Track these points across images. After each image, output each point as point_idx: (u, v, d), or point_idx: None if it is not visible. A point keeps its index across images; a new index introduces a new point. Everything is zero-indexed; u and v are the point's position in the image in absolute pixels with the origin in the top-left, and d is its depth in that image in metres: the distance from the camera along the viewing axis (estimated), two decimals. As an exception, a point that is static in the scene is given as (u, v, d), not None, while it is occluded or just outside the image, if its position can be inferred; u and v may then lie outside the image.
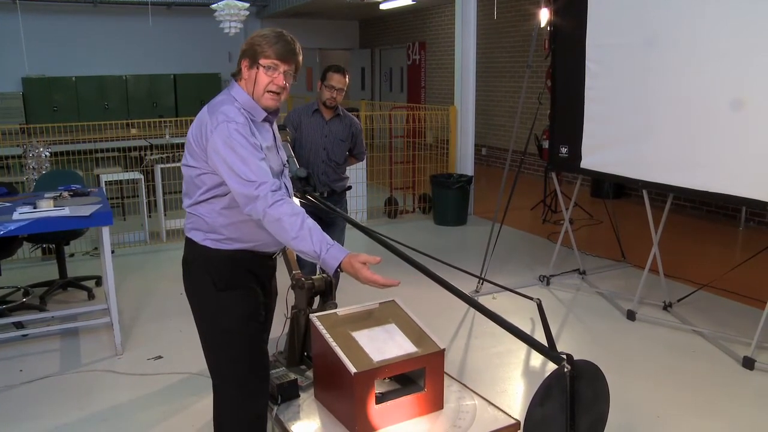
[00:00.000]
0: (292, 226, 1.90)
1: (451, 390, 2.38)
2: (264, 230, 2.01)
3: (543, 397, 1.80)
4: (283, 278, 2.22)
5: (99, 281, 4.93)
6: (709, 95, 3.69)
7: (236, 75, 2.12)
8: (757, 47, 3.43)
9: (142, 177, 6.27)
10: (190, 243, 2.14)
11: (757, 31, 3.42)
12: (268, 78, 2.05)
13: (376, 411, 2.13)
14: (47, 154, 5.77)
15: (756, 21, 3.42)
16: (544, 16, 4.80)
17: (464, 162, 7.24)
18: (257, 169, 1.93)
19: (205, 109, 2.07)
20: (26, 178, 5.77)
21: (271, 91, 2.07)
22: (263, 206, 1.90)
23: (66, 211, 3.69)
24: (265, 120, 2.13)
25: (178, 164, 6.29)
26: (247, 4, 8.02)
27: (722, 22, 3.59)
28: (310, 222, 1.94)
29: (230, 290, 2.12)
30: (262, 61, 2.03)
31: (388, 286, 1.93)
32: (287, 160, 2.35)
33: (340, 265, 1.92)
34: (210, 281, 2.11)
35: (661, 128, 3.98)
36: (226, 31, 8.09)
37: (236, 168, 1.92)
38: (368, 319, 2.39)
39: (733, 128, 3.59)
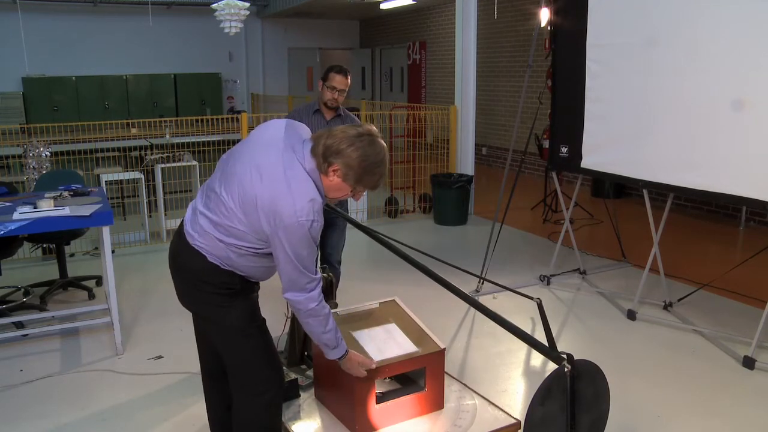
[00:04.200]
0: (326, 323, 2.10)
1: (451, 390, 2.38)
2: (268, 273, 2.20)
3: (543, 397, 1.80)
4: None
5: (99, 281, 4.92)
6: (710, 95, 3.68)
7: (317, 162, 2.03)
8: (757, 47, 3.42)
9: (142, 177, 6.27)
10: (197, 255, 2.12)
11: (758, 30, 3.42)
12: (349, 191, 2.11)
13: (376, 411, 2.13)
14: (47, 153, 5.78)
15: (756, 21, 3.42)
16: (545, 15, 4.80)
17: (465, 162, 7.23)
18: (311, 265, 2.05)
19: (282, 182, 1.96)
20: (26, 178, 5.77)
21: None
22: (312, 303, 2.05)
23: (66, 211, 3.69)
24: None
25: (178, 164, 6.29)
26: (247, 4, 8.01)
27: (723, 21, 3.59)
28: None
29: (234, 296, 2.16)
30: (359, 188, 2.10)
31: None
32: None
33: (343, 357, 2.17)
34: (215, 290, 2.14)
35: (662, 128, 3.98)
36: (227, 30, 8.08)
37: (301, 260, 2.00)
38: (369, 318, 2.40)
39: (733, 128, 3.58)
